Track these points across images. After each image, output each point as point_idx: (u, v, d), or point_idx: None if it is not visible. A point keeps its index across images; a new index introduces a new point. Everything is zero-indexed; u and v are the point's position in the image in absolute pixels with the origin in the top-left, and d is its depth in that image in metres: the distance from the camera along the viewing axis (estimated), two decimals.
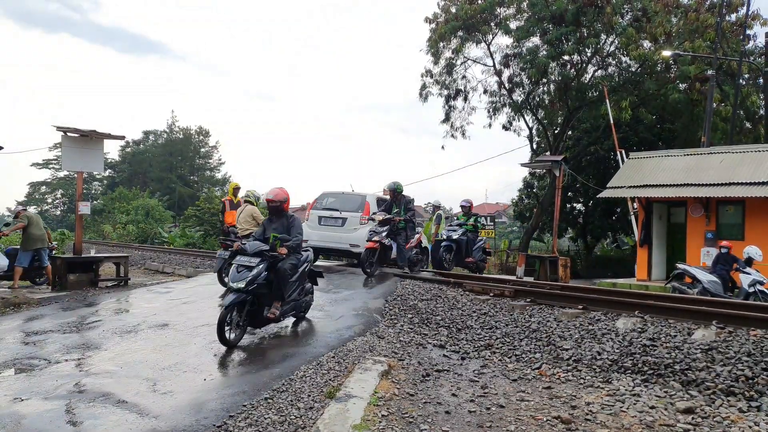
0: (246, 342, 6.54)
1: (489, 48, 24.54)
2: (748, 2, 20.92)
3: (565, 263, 13.56)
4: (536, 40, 23.44)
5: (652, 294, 8.91)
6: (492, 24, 23.80)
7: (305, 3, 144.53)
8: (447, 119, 26.76)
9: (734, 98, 21.49)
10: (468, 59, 25.41)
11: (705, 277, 11.07)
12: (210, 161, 67.04)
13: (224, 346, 6.10)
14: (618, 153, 19.35)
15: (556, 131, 26.42)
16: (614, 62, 23.91)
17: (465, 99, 26.29)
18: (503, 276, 17.09)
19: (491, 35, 24.22)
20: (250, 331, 6.86)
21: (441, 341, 6.99)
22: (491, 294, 8.84)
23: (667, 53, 20.30)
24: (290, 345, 6.52)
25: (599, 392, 5.24)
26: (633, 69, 23.41)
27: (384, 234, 10.42)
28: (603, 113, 22.16)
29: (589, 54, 23.16)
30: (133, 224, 37.96)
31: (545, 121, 26.90)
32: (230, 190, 12.43)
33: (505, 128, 26.82)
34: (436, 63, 25.35)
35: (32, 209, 41.73)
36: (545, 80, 23.79)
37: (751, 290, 10.53)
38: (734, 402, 4.85)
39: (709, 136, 19.55)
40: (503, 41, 24.43)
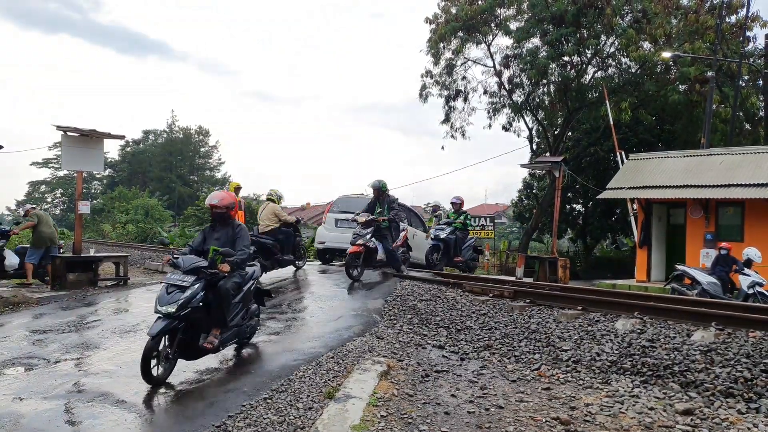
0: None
1: (489, 49, 24.59)
2: (748, 4, 20.97)
3: (565, 264, 13.55)
4: (536, 41, 23.47)
5: (652, 295, 8.91)
6: (492, 25, 23.81)
7: (305, 3, 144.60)
8: (447, 120, 26.78)
9: (734, 100, 21.51)
10: (468, 60, 25.46)
11: (704, 279, 11.07)
12: (210, 161, 67.06)
13: (148, 384, 4.98)
14: (618, 154, 19.37)
15: (556, 132, 26.44)
16: (614, 63, 23.94)
17: (465, 100, 26.33)
18: (503, 277, 17.09)
19: (491, 36, 24.25)
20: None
21: (440, 342, 6.99)
22: (491, 295, 8.83)
23: (667, 54, 20.32)
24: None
25: (598, 393, 5.25)
26: (633, 70, 23.44)
27: (368, 236, 10.09)
28: (603, 114, 22.18)
29: (589, 55, 23.18)
30: (133, 224, 37.94)
31: (545, 122, 26.91)
32: (231, 190, 12.42)
33: (505, 129, 26.85)
34: (437, 63, 25.38)
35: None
36: (545, 81, 23.81)
37: (751, 292, 10.53)
38: (733, 403, 4.86)
39: (709, 138, 19.57)
40: (503, 42, 24.48)
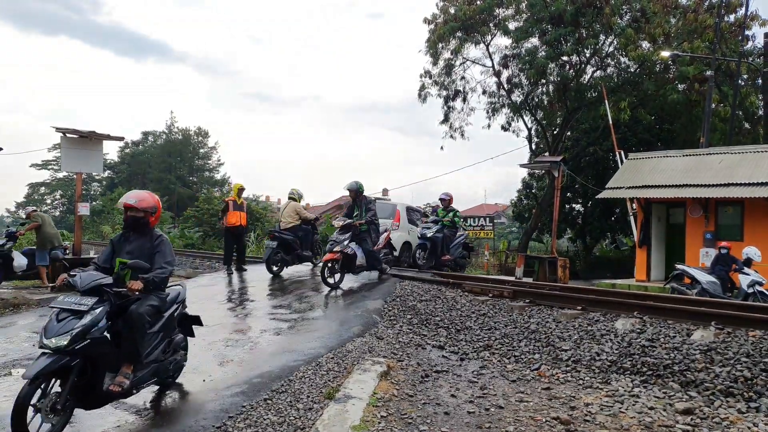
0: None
1: (488, 49, 24.57)
2: (747, 3, 20.96)
3: (564, 264, 13.54)
4: (535, 41, 23.46)
5: (651, 295, 8.92)
6: (491, 25, 23.80)
7: (305, 3, 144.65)
8: (446, 120, 26.76)
9: (733, 99, 21.51)
10: (467, 60, 25.43)
11: (704, 278, 11.07)
12: (209, 162, 66.97)
13: None
14: (617, 153, 19.37)
15: (555, 132, 26.43)
16: (613, 63, 23.93)
17: (464, 100, 26.30)
18: (502, 277, 17.09)
19: (490, 36, 24.23)
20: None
21: (440, 342, 6.99)
22: (490, 295, 8.84)
23: (666, 54, 20.32)
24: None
25: (598, 393, 5.25)
26: (632, 70, 23.43)
27: (346, 242, 9.63)
28: (602, 114, 22.17)
29: (588, 55, 23.18)
30: None
31: (544, 122, 26.91)
32: (235, 191, 12.48)
33: (504, 129, 26.84)
34: (435, 64, 25.37)
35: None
36: (544, 81, 23.80)
37: (750, 291, 10.54)
38: (733, 403, 4.86)
39: (708, 137, 19.57)
40: (502, 42, 24.46)
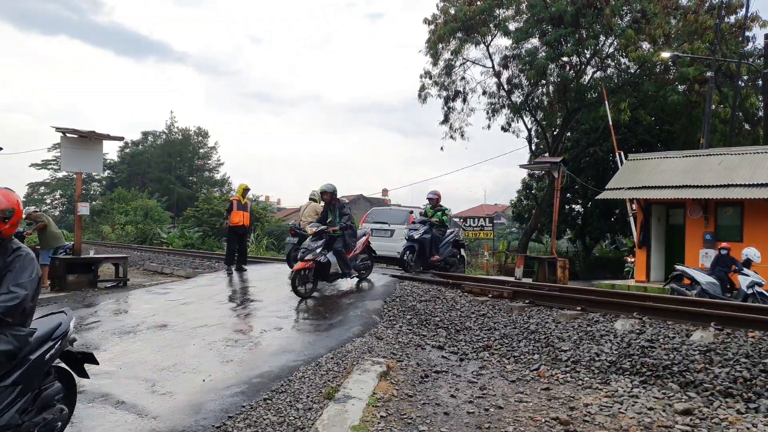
0: None
1: (488, 49, 24.59)
2: (747, 4, 20.99)
3: (564, 264, 13.55)
4: (535, 42, 23.49)
5: (651, 295, 8.93)
6: (491, 25, 23.81)
7: (305, 3, 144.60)
8: (446, 120, 26.79)
9: (733, 100, 21.52)
10: (467, 60, 25.46)
11: (703, 279, 11.08)
12: (209, 162, 67.03)
13: None
14: (617, 154, 19.37)
15: (555, 133, 26.44)
16: (613, 64, 23.96)
17: (464, 100, 26.32)
18: (502, 277, 17.10)
19: (490, 36, 24.25)
20: None
21: (440, 342, 7.00)
22: (490, 295, 8.84)
23: (666, 55, 20.33)
24: None
25: (597, 393, 5.25)
26: (632, 70, 23.46)
27: (318, 250, 9.01)
28: (602, 115, 22.18)
29: (588, 55, 23.19)
30: (132, 225, 37.95)
31: (544, 123, 26.92)
32: (240, 191, 12.56)
33: (504, 129, 26.87)
34: (435, 64, 25.39)
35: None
36: (544, 81, 23.82)
37: (750, 292, 10.54)
38: (732, 403, 4.86)
39: (708, 138, 19.58)
40: (502, 42, 24.49)
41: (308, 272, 8.96)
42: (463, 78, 26.03)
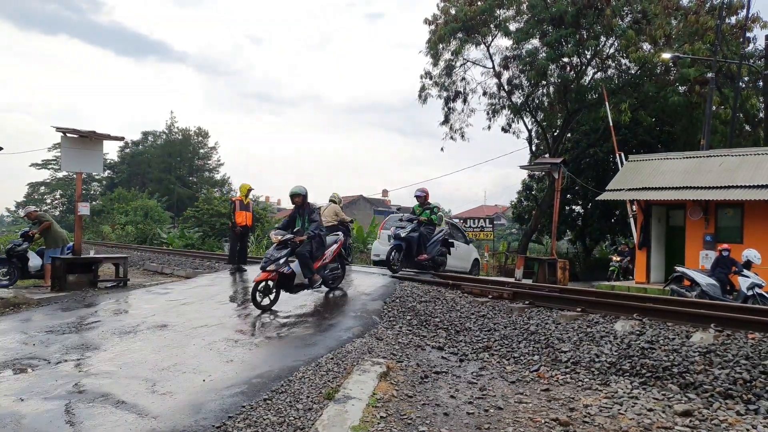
0: None
1: (488, 50, 24.59)
2: (748, 5, 21.02)
3: (564, 265, 13.57)
4: (536, 42, 23.48)
5: (651, 297, 8.92)
6: (491, 26, 23.82)
7: (305, 3, 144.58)
8: (446, 121, 26.79)
9: (734, 101, 21.53)
10: (467, 61, 25.45)
11: (703, 280, 11.08)
12: (209, 162, 67.08)
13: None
14: (617, 155, 19.38)
15: (556, 133, 26.45)
16: (614, 64, 23.95)
17: (464, 101, 26.33)
18: (502, 278, 17.10)
19: (491, 37, 24.25)
20: None
21: (439, 343, 7.00)
22: (490, 296, 8.84)
23: (667, 56, 20.33)
24: None
25: (597, 395, 5.25)
26: (632, 71, 23.45)
27: (282, 260, 8.22)
28: (602, 115, 22.19)
29: (589, 56, 23.19)
30: (132, 225, 37.98)
31: (544, 124, 26.92)
32: (243, 191, 12.63)
33: (505, 130, 26.86)
34: (436, 65, 25.39)
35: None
36: (545, 82, 23.83)
37: (750, 293, 10.54)
38: (732, 405, 4.86)
39: (709, 139, 19.58)
40: (503, 43, 24.49)
41: (271, 284, 8.28)
42: (464, 78, 26.07)
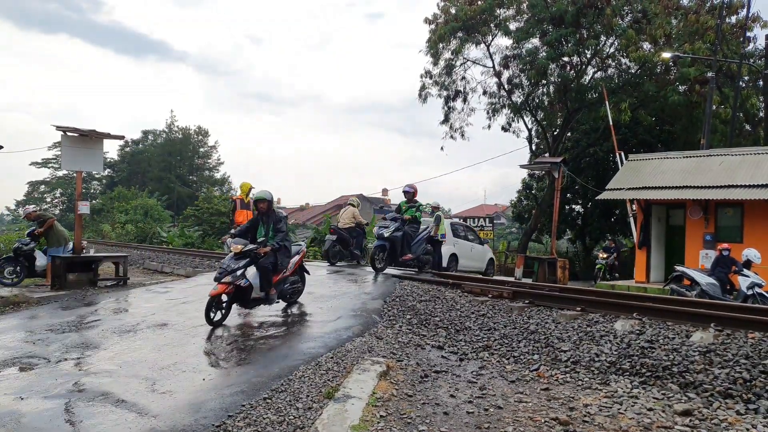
0: None
1: (488, 49, 24.60)
2: (749, 4, 21.03)
3: (564, 265, 13.58)
4: (536, 42, 23.49)
5: (651, 296, 8.93)
6: (492, 25, 23.82)
7: (305, 3, 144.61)
8: (446, 120, 26.80)
9: (734, 100, 21.53)
10: (467, 60, 25.48)
11: (703, 280, 11.09)
12: (209, 161, 67.06)
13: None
14: (617, 155, 19.38)
15: (556, 133, 26.44)
16: (614, 64, 23.95)
17: (464, 100, 26.35)
18: (502, 277, 17.11)
19: (491, 36, 24.26)
20: None
21: (439, 342, 7.00)
22: (490, 295, 8.84)
23: (667, 55, 20.32)
24: None
25: (597, 394, 5.25)
26: (633, 71, 23.44)
27: (240, 272, 7.33)
28: (602, 115, 22.18)
29: (589, 55, 23.19)
30: (132, 224, 37.97)
31: (544, 123, 26.92)
32: (244, 190, 12.68)
33: (505, 129, 26.88)
34: (436, 64, 25.40)
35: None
36: (545, 81, 23.82)
37: (750, 293, 10.55)
38: (732, 404, 4.86)
39: (709, 139, 19.58)
40: (503, 42, 24.50)
41: (225, 297, 7.35)
42: (464, 78, 26.09)
